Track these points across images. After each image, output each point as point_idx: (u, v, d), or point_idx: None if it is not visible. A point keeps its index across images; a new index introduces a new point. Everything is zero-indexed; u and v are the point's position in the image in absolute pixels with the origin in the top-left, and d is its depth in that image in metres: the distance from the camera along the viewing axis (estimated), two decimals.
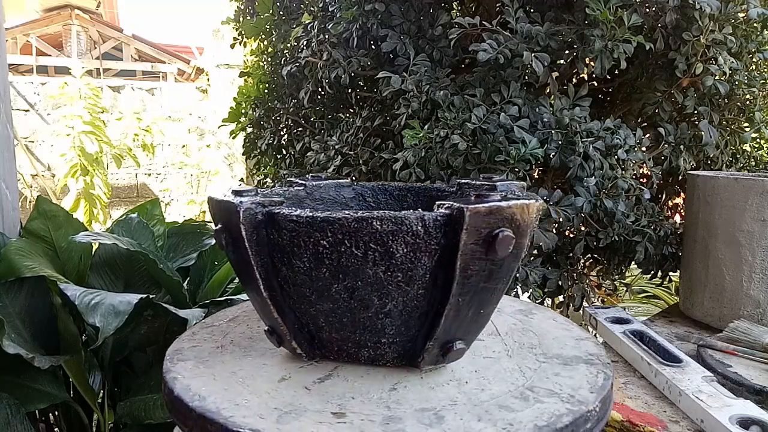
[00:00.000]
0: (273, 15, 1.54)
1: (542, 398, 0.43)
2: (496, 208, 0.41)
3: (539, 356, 0.51)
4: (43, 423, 1.31)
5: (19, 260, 1.14)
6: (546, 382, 0.46)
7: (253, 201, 0.44)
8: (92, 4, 6.70)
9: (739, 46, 1.15)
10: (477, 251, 0.41)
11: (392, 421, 0.41)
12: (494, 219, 0.41)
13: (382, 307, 0.45)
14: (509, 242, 0.41)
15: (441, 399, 0.45)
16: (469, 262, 0.41)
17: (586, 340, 0.53)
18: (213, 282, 1.38)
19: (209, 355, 0.55)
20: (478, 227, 0.41)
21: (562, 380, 0.46)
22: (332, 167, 1.36)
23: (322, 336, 0.50)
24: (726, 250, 1.03)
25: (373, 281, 0.43)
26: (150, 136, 4.43)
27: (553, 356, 0.50)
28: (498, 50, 1.04)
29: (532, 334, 0.55)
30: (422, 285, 0.44)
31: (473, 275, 0.42)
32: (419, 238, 0.41)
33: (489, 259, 0.42)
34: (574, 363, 0.49)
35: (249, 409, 0.43)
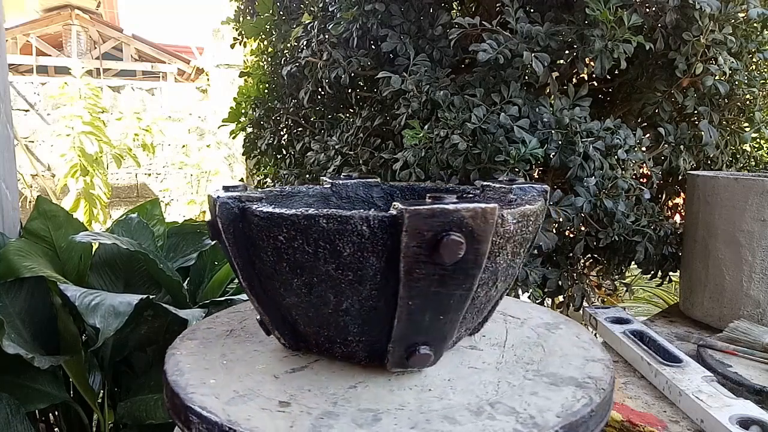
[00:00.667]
0: (273, 15, 1.54)
1: (496, 415, 0.41)
2: (440, 210, 0.39)
3: (530, 373, 0.48)
4: (43, 423, 1.31)
5: (18, 260, 1.14)
6: (515, 400, 0.44)
7: (230, 196, 0.46)
8: (92, 4, 6.70)
9: (739, 46, 1.15)
10: (420, 254, 0.40)
11: (328, 416, 0.42)
12: (438, 222, 0.39)
13: (339, 305, 0.45)
14: (456, 247, 0.39)
15: (391, 402, 0.44)
16: (413, 266, 0.40)
17: (597, 362, 0.50)
18: (213, 282, 1.38)
19: (216, 338, 0.58)
20: (419, 230, 0.39)
21: (536, 400, 0.43)
22: (332, 167, 1.36)
23: (299, 329, 0.52)
24: (726, 250, 1.03)
25: (326, 278, 0.44)
26: (150, 136, 4.43)
27: (546, 375, 0.48)
28: (498, 50, 1.04)
29: (540, 350, 0.53)
30: (374, 286, 0.43)
31: (421, 279, 0.41)
32: (365, 239, 0.41)
33: (437, 263, 0.40)
34: (563, 384, 0.46)
35: (211, 389, 0.46)
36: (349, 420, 0.41)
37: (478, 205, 0.39)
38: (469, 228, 0.39)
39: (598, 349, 0.52)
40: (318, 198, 0.67)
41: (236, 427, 0.40)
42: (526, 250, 0.50)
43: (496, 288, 0.48)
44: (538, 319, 0.62)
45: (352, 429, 0.40)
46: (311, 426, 0.40)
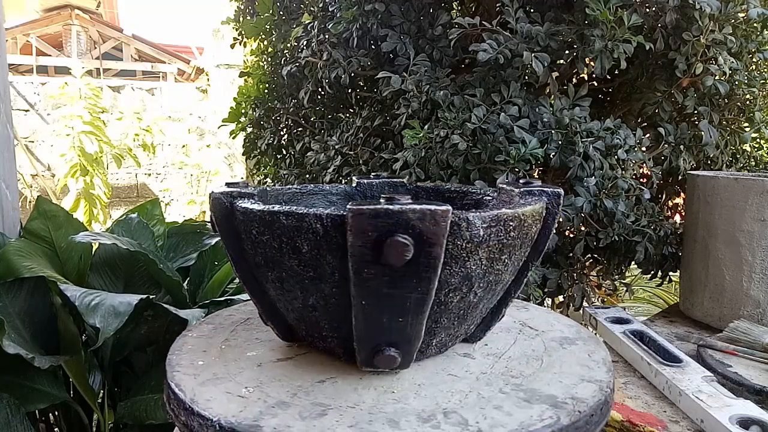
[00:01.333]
0: (273, 15, 1.54)
1: (443, 425, 0.40)
2: (384, 211, 0.38)
3: (509, 386, 0.46)
4: (43, 423, 1.31)
5: (18, 260, 1.14)
6: (474, 411, 0.42)
7: (223, 192, 0.49)
8: (92, 4, 6.70)
9: (739, 46, 1.15)
10: (366, 254, 0.40)
11: (280, 405, 0.43)
12: (383, 223, 0.39)
13: (306, 300, 0.47)
14: (401, 249, 0.38)
15: (348, 400, 0.44)
16: (361, 265, 0.40)
17: (592, 383, 0.46)
18: (213, 282, 1.38)
19: (230, 324, 0.61)
20: (363, 230, 0.39)
21: (495, 414, 0.41)
22: (332, 167, 1.36)
23: (288, 321, 0.53)
24: (726, 250, 1.03)
25: (292, 274, 0.45)
26: (150, 136, 4.43)
27: (526, 390, 0.45)
28: (498, 50, 1.04)
29: (537, 364, 0.51)
30: (334, 283, 0.44)
31: (370, 279, 0.41)
32: (320, 237, 0.42)
33: (384, 264, 0.39)
34: (536, 402, 0.43)
35: (194, 370, 0.49)
36: (296, 411, 0.42)
37: (427, 207, 0.38)
38: (417, 230, 0.39)
39: (604, 370, 0.49)
40: (341, 197, 0.68)
41: (195, 406, 0.42)
42: (517, 257, 0.48)
43: (475, 294, 0.46)
44: (557, 332, 0.59)
45: (292, 420, 0.40)
46: (258, 413, 0.41)
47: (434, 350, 0.51)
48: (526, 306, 0.67)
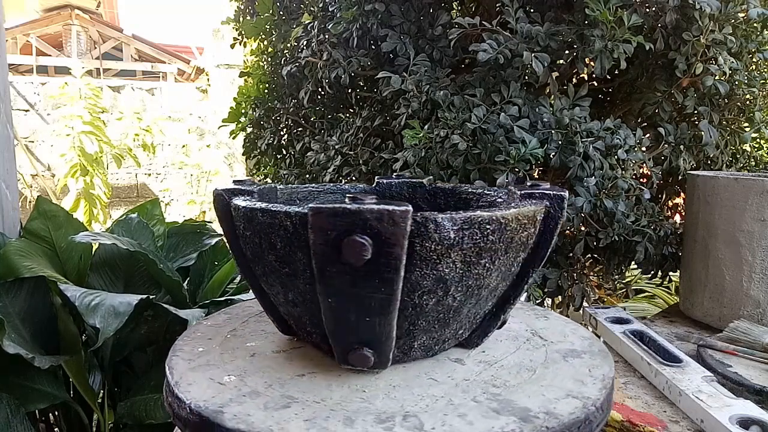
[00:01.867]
0: (273, 15, 1.54)
1: (396, 428, 0.40)
2: (342, 210, 0.39)
3: (484, 395, 0.44)
4: (43, 423, 1.31)
5: (18, 260, 1.14)
6: (434, 417, 0.41)
7: (224, 189, 0.51)
8: (92, 4, 6.70)
9: (739, 46, 1.15)
10: (327, 253, 0.40)
11: (251, 395, 0.44)
12: (341, 222, 0.39)
13: (286, 295, 0.48)
14: (359, 248, 0.38)
15: (317, 395, 0.44)
16: (324, 264, 0.41)
17: (576, 399, 0.43)
18: (213, 282, 1.38)
19: (245, 315, 0.63)
20: (323, 228, 0.39)
21: (455, 422, 0.40)
22: (332, 167, 1.36)
23: (281, 314, 0.54)
24: (726, 250, 1.03)
25: (272, 269, 0.47)
26: (150, 136, 4.43)
27: (500, 401, 0.43)
28: (498, 50, 1.04)
29: (527, 375, 0.48)
30: (306, 280, 0.44)
31: (334, 277, 0.41)
32: (290, 233, 0.43)
33: (345, 263, 0.40)
34: (505, 413, 0.41)
35: (191, 355, 0.52)
36: (262, 402, 0.43)
37: (385, 207, 0.38)
38: (375, 230, 0.39)
39: (597, 387, 0.46)
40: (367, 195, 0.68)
41: (176, 388, 0.45)
42: (504, 261, 0.46)
43: (453, 298, 0.45)
44: (567, 344, 0.55)
45: (255, 409, 0.42)
46: (228, 400, 0.43)
47: (419, 353, 0.50)
48: (546, 315, 0.65)
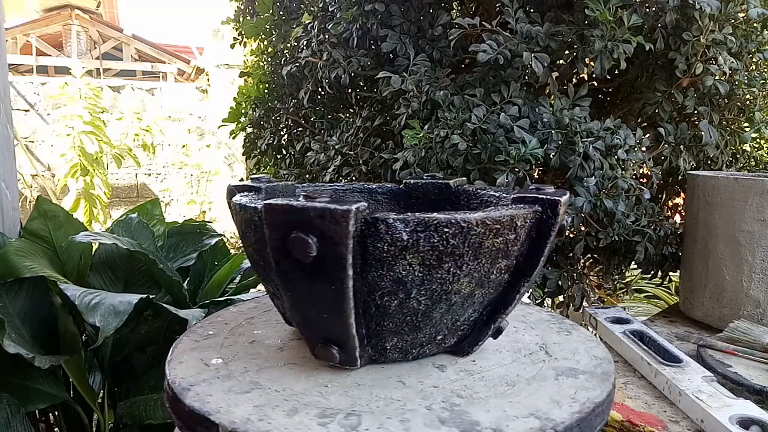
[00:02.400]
0: (273, 15, 1.54)
1: (332, 422, 0.40)
2: (288, 207, 0.40)
3: (440, 405, 0.43)
4: (43, 423, 1.31)
5: (19, 260, 1.14)
6: (377, 420, 0.41)
7: (236, 185, 0.54)
8: (92, 4, 6.70)
9: (739, 46, 1.15)
10: (280, 248, 0.41)
11: (223, 378, 0.47)
12: (288, 219, 0.40)
13: (268, 287, 0.51)
14: (303, 245, 0.39)
15: (284, 384, 0.46)
16: (279, 258, 0.42)
17: (536, 419, 0.41)
18: (213, 282, 1.38)
19: (267, 305, 0.65)
20: (275, 224, 0.41)
21: (393, 427, 0.40)
22: (332, 167, 1.36)
23: None
24: (726, 250, 1.03)
25: (256, 260, 0.49)
26: (150, 136, 4.43)
27: (454, 412, 0.42)
28: (498, 51, 1.04)
29: (504, 389, 0.46)
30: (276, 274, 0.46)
31: (289, 272, 0.42)
32: (259, 228, 0.44)
33: (295, 259, 0.41)
34: (449, 426, 0.40)
35: (198, 336, 0.56)
36: (229, 384, 0.46)
37: (328, 206, 0.39)
38: (319, 228, 0.39)
39: (573, 410, 0.42)
40: (387, 196, 0.69)
41: (168, 365, 0.49)
42: (478, 268, 0.44)
43: (418, 302, 0.44)
44: (572, 362, 0.51)
45: (219, 390, 0.44)
46: (202, 380, 0.46)
47: (396, 354, 0.49)
48: (570, 330, 0.60)
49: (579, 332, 0.60)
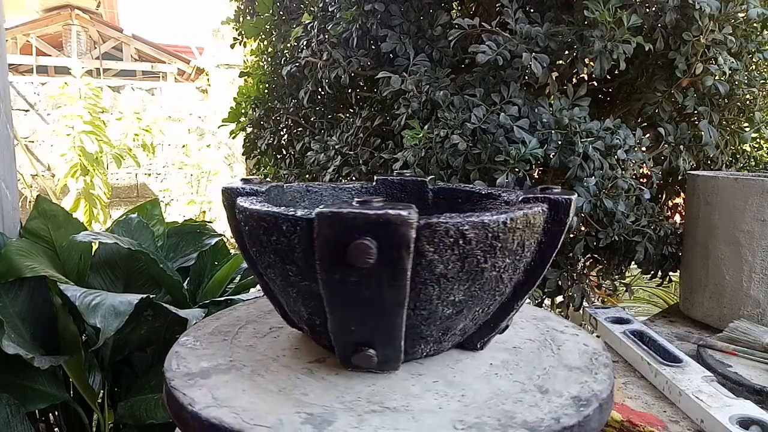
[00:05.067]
0: (273, 15, 1.54)
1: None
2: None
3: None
4: (43, 423, 1.31)
5: (19, 260, 1.14)
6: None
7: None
8: (92, 4, 6.70)
9: (739, 46, 1.15)
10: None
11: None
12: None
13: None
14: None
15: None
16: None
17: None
18: (213, 282, 1.38)
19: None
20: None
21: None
22: (332, 167, 1.36)
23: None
24: (726, 250, 1.03)
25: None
26: (150, 136, 4.43)
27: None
28: (497, 51, 1.04)
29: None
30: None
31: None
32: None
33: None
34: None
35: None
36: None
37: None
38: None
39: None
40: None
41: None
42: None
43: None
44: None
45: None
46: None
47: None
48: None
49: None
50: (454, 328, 0.49)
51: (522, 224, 0.45)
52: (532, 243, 0.47)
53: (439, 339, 0.50)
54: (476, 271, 0.44)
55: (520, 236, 0.45)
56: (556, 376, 0.49)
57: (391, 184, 0.70)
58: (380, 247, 0.39)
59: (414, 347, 0.49)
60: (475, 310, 0.48)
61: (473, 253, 0.43)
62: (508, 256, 0.46)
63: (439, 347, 0.51)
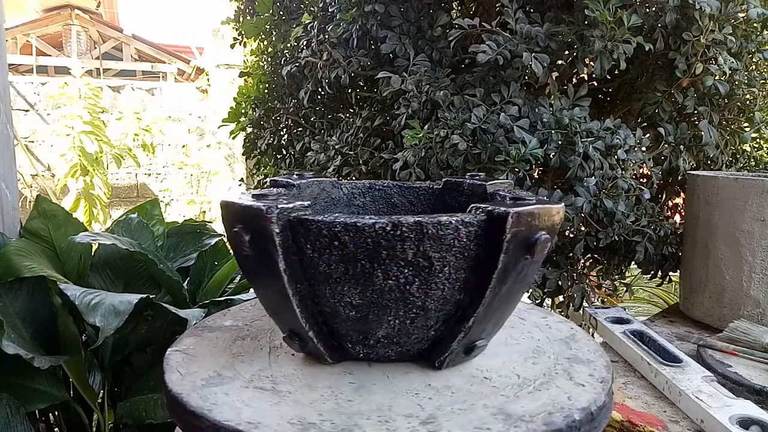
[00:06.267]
0: (273, 15, 1.54)
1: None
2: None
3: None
4: (43, 423, 1.31)
5: (17, 260, 1.14)
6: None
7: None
8: (92, 4, 6.70)
9: (739, 46, 1.15)
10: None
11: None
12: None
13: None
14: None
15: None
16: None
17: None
18: (213, 282, 1.38)
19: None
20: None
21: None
22: (332, 167, 1.36)
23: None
24: (726, 250, 1.03)
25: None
26: (150, 136, 4.43)
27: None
28: (498, 51, 1.04)
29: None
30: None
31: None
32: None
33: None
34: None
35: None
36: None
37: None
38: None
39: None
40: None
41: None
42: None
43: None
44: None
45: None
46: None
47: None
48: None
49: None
50: (373, 333, 0.47)
51: (415, 234, 0.40)
52: (449, 258, 0.42)
53: (363, 342, 0.49)
54: (364, 276, 0.42)
55: (416, 247, 0.41)
56: None
57: (456, 185, 0.66)
58: (252, 237, 0.43)
59: (344, 345, 0.50)
60: (387, 318, 0.46)
61: (354, 257, 0.41)
62: (406, 266, 0.42)
63: (370, 351, 0.50)
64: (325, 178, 0.65)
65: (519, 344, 0.56)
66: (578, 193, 1.05)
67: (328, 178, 0.66)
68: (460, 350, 0.48)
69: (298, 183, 0.61)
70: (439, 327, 0.47)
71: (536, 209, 0.42)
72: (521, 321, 0.63)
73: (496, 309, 0.46)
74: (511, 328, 0.60)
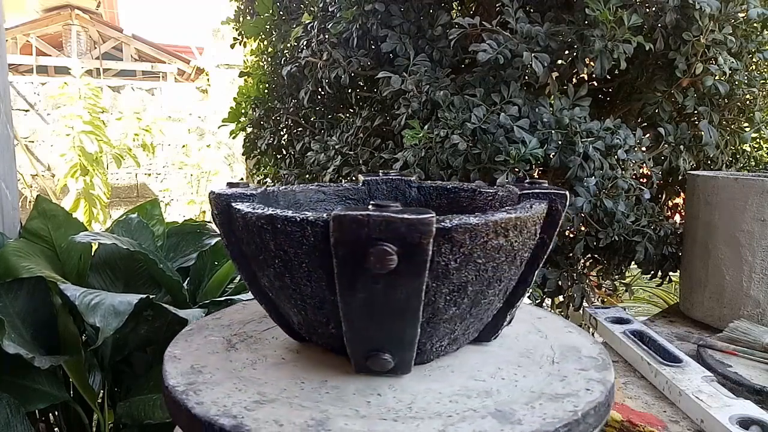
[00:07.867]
0: (273, 15, 1.54)
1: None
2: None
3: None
4: (43, 423, 1.31)
5: (18, 260, 1.14)
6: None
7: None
8: (92, 4, 6.70)
9: (739, 46, 1.15)
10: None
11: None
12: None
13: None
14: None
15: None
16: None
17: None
18: (213, 282, 1.38)
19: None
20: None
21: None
22: (332, 167, 1.36)
23: None
24: (726, 250, 1.03)
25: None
26: (150, 136, 4.43)
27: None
28: (498, 50, 1.04)
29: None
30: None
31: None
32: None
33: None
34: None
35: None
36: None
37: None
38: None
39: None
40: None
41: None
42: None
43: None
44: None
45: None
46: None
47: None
48: None
49: None
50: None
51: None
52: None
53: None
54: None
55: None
56: None
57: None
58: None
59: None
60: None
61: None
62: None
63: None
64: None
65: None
66: (578, 193, 1.05)
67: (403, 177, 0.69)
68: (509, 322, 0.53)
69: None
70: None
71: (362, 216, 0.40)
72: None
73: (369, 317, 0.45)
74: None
